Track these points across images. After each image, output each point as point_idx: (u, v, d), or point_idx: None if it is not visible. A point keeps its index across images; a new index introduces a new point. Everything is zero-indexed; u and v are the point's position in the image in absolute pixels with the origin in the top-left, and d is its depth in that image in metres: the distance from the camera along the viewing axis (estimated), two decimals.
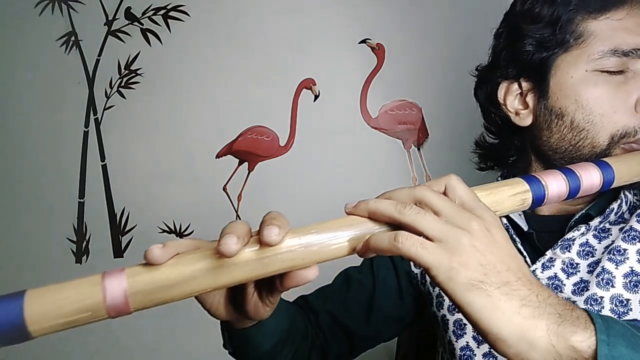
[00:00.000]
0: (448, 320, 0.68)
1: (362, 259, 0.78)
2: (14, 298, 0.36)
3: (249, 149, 1.36)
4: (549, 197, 0.49)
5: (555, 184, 0.49)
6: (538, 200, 0.48)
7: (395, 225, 0.41)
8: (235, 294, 0.48)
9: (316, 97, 1.33)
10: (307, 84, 1.34)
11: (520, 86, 0.64)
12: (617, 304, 0.55)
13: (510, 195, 0.47)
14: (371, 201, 0.42)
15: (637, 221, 0.59)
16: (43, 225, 1.46)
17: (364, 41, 1.32)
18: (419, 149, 1.31)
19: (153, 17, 1.42)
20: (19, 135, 1.48)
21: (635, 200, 0.64)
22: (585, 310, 0.38)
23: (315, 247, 0.40)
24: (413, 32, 1.30)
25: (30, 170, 1.47)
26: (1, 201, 1.49)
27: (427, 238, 0.39)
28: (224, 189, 1.38)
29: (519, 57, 0.62)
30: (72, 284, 0.37)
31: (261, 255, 0.39)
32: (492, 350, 0.62)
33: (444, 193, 0.43)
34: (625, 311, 0.54)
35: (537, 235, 0.64)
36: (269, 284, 0.46)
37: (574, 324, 0.36)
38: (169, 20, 1.41)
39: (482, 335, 0.38)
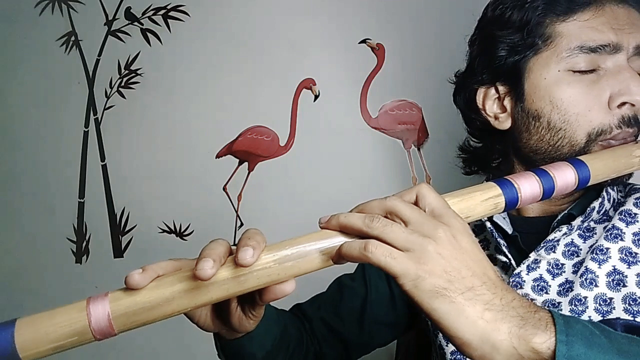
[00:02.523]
0: None
1: (354, 267, 0.79)
2: (4, 327, 0.38)
3: (249, 149, 1.36)
4: (522, 199, 0.50)
5: (528, 186, 0.50)
6: (511, 204, 0.49)
7: (367, 237, 0.42)
8: (220, 308, 0.50)
9: (316, 97, 1.33)
10: (307, 84, 1.33)
11: (497, 91, 0.65)
12: (601, 303, 0.55)
13: (482, 200, 0.48)
14: (342, 215, 0.44)
15: (620, 219, 0.59)
16: (43, 225, 1.46)
17: (364, 41, 1.32)
18: (419, 149, 1.31)
19: (153, 17, 1.42)
20: (19, 135, 1.48)
21: (619, 197, 0.64)
22: (549, 311, 0.39)
23: (290, 263, 0.42)
24: (413, 32, 1.30)
25: (30, 171, 1.47)
26: (1, 201, 1.49)
27: (396, 248, 0.40)
28: (224, 189, 1.38)
29: (493, 63, 0.63)
30: (60, 310, 0.39)
31: (237, 274, 0.41)
32: None
33: (416, 202, 0.44)
34: (609, 310, 0.54)
35: (522, 237, 0.64)
36: (251, 299, 0.48)
37: (535, 326, 0.37)
38: (169, 20, 1.41)
39: (449, 339, 0.39)
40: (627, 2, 0.59)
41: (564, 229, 0.60)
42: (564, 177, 0.52)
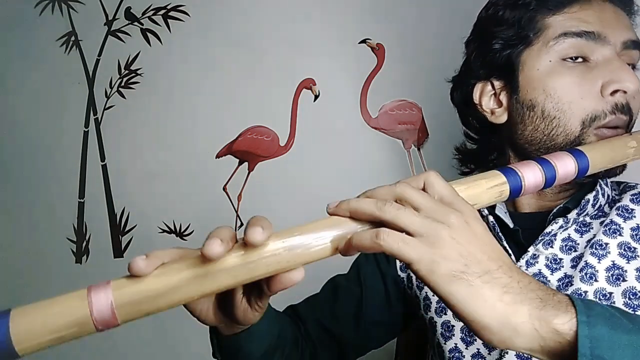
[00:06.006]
0: (436, 322, 0.68)
1: (349, 264, 0.79)
2: None
3: (249, 149, 1.36)
4: (525, 187, 0.50)
5: (531, 174, 0.50)
6: (515, 191, 0.49)
7: (377, 224, 0.41)
8: (224, 299, 0.49)
9: (316, 97, 1.33)
10: (307, 84, 1.33)
11: (493, 86, 0.67)
12: (601, 297, 0.56)
13: (488, 188, 0.48)
14: (352, 200, 0.43)
15: (617, 215, 0.60)
16: (43, 225, 1.46)
17: (364, 41, 1.32)
18: (419, 149, 1.31)
19: (153, 17, 1.42)
20: (19, 135, 1.48)
21: (614, 195, 0.65)
22: (566, 294, 0.39)
23: (300, 249, 0.40)
24: (413, 32, 1.30)
25: (30, 170, 1.47)
26: (1, 201, 1.49)
27: (408, 233, 0.39)
28: (224, 189, 1.38)
29: (488, 58, 0.65)
30: (58, 299, 0.37)
31: (246, 260, 0.39)
32: (480, 351, 0.62)
33: (424, 189, 0.43)
34: (609, 304, 0.55)
35: (522, 232, 0.64)
36: (257, 289, 0.46)
37: (555, 307, 0.37)
38: (169, 20, 1.41)
39: (466, 324, 0.38)
40: (613, 2, 0.61)
41: (560, 221, 0.61)
42: (565, 165, 0.52)
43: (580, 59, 0.60)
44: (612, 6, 0.61)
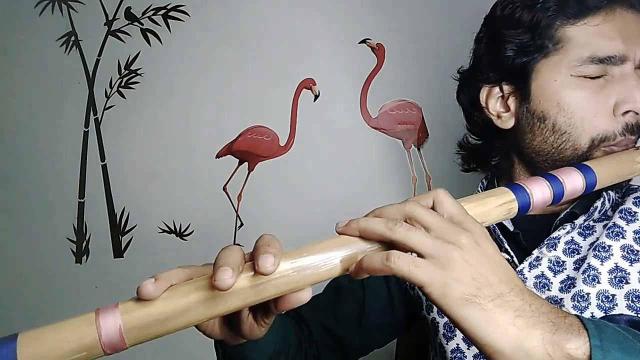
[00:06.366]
0: (438, 323, 0.68)
1: None
2: (5, 343, 0.35)
3: (249, 149, 1.36)
4: (534, 204, 0.50)
5: (539, 192, 0.50)
6: (524, 209, 0.50)
7: (387, 243, 0.41)
8: (230, 316, 0.48)
9: (316, 97, 1.33)
10: (307, 84, 1.33)
11: (501, 90, 0.65)
12: (603, 299, 0.55)
13: (497, 206, 0.48)
14: (361, 220, 0.42)
15: (620, 217, 0.60)
16: (43, 225, 1.46)
17: (364, 41, 1.32)
18: (419, 149, 1.31)
19: (153, 17, 1.42)
20: (19, 135, 1.48)
21: (617, 198, 0.65)
22: (577, 316, 0.39)
23: (309, 271, 0.40)
24: (413, 32, 1.30)
25: (30, 170, 1.47)
26: (1, 201, 1.49)
27: (419, 254, 0.39)
28: (224, 189, 1.38)
29: (499, 62, 0.63)
30: (66, 324, 0.37)
31: (255, 283, 0.39)
32: None
33: (433, 207, 0.43)
34: (611, 306, 0.55)
35: (523, 234, 0.64)
36: (264, 307, 0.46)
37: (567, 331, 0.37)
38: (169, 20, 1.41)
39: (479, 348, 0.38)
40: (636, 9, 0.60)
41: (568, 227, 0.60)
42: (573, 182, 0.52)
43: (598, 78, 0.59)
44: (635, 16, 0.59)
